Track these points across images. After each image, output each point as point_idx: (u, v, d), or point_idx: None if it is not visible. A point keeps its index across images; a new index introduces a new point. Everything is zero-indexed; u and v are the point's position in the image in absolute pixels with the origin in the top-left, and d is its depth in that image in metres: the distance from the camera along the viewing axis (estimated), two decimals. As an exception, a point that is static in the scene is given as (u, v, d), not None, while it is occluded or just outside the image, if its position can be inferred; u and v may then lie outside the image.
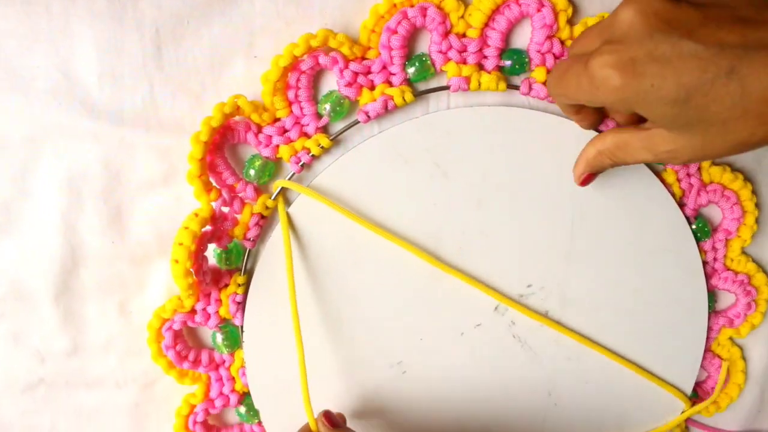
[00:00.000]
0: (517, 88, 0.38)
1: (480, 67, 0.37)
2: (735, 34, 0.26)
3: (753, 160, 0.42)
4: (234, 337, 0.39)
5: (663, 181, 0.40)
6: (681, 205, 0.40)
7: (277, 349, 0.39)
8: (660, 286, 0.41)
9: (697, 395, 0.45)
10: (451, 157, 0.38)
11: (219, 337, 0.39)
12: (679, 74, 0.26)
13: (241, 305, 0.39)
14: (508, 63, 0.37)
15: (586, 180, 0.36)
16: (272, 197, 0.38)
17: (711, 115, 0.27)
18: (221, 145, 0.36)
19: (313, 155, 0.37)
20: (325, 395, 0.40)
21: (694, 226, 0.41)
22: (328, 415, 0.36)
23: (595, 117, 0.36)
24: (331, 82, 0.37)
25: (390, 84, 0.37)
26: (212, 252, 0.38)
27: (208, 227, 0.36)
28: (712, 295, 0.43)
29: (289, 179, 0.37)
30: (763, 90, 0.25)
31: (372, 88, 0.37)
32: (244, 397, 0.41)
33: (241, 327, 0.39)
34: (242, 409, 0.41)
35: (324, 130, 0.37)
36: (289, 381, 0.39)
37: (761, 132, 0.26)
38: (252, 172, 0.37)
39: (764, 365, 0.45)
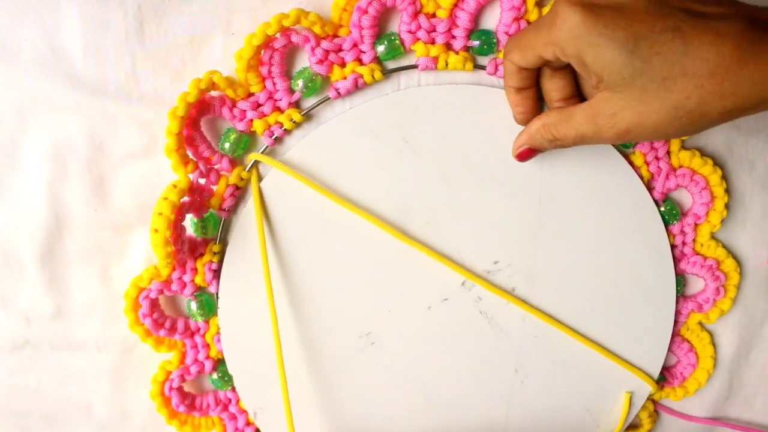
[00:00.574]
0: (484, 68, 0.39)
1: (448, 47, 0.38)
2: (684, 3, 0.29)
3: (724, 145, 0.42)
4: (209, 305, 0.41)
5: (631, 163, 0.40)
6: (650, 188, 0.41)
7: (250, 316, 0.40)
8: (627, 268, 0.42)
9: (665, 379, 0.45)
10: (420, 134, 0.39)
11: (194, 305, 0.41)
12: (632, 23, 0.29)
13: (217, 273, 0.40)
14: (476, 43, 0.38)
15: (524, 154, 0.37)
16: (246, 169, 0.39)
17: (653, 68, 0.29)
18: (197, 119, 0.38)
19: (285, 129, 0.38)
20: (295, 364, 0.41)
21: (662, 209, 0.41)
22: None
23: (534, 103, 0.36)
24: (304, 59, 0.38)
25: (360, 62, 0.38)
26: (189, 221, 0.39)
27: (186, 198, 0.37)
28: (681, 278, 0.43)
29: (263, 153, 0.39)
30: (702, 51, 0.28)
31: (343, 65, 0.38)
32: (219, 363, 0.42)
33: (216, 294, 0.40)
34: (215, 375, 0.42)
35: (296, 105, 0.38)
36: (262, 347, 0.40)
37: (696, 95, 0.29)
38: (227, 145, 0.38)
39: (733, 351, 0.45)
